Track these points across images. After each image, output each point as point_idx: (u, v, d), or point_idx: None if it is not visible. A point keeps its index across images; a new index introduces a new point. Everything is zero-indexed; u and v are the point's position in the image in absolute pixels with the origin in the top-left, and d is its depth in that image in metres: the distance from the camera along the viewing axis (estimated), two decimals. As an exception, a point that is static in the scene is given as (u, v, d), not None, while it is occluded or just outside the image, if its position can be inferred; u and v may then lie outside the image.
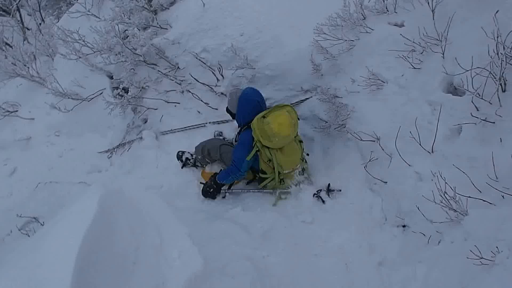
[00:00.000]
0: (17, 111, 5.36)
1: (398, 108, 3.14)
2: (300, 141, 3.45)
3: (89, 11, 5.31)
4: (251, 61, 3.89)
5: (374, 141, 3.19)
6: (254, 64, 3.89)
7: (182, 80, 4.31)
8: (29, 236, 3.79)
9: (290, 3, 4.05)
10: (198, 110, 4.23)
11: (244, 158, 3.20)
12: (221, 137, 3.99)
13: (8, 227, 4.17)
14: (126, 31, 4.58)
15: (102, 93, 4.92)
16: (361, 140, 3.23)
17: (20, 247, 2.60)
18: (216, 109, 4.16)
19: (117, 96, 4.63)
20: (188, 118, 4.30)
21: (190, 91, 4.26)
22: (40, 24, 6.54)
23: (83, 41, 4.95)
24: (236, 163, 3.25)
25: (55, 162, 4.85)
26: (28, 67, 5.56)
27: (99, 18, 5.10)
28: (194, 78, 4.19)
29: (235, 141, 3.60)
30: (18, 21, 6.81)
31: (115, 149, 4.60)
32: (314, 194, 3.34)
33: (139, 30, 4.50)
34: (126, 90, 4.63)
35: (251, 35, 3.97)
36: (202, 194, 3.48)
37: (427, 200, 2.52)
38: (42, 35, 5.79)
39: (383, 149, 3.09)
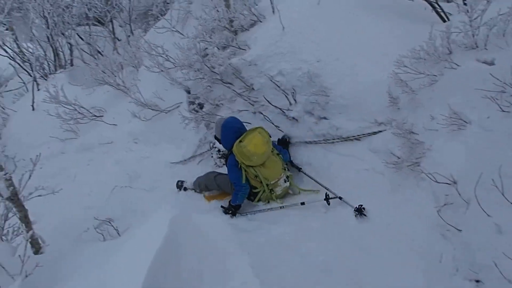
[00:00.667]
0: (102, 116, 5.91)
1: (480, 152, 2.99)
2: (278, 154, 3.97)
3: (174, 27, 5.73)
4: (325, 88, 3.93)
5: (450, 184, 3.06)
6: (329, 92, 3.93)
7: (255, 101, 4.46)
8: (103, 237, 4.15)
9: (370, 32, 4.04)
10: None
11: (238, 177, 3.81)
12: (215, 148, 4.65)
13: (86, 224, 4.58)
14: (207, 49, 4.85)
15: (179, 106, 5.26)
16: (436, 181, 3.11)
17: (94, 254, 2.87)
18: (286, 133, 4.25)
19: (193, 111, 4.93)
20: (258, 138, 4.43)
21: (262, 113, 4.40)
22: (129, 36, 7.15)
23: (166, 55, 5.35)
24: (236, 183, 3.85)
25: (131, 167, 5.26)
26: (116, 76, 6.11)
27: (182, 35, 5.47)
28: (267, 100, 4.32)
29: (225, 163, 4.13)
30: (110, 31, 7.50)
31: (186, 161, 4.88)
32: (355, 212, 3.49)
33: (219, 49, 4.75)
34: (201, 106, 4.91)
35: (328, 62, 4.03)
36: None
37: (507, 257, 2.38)
38: (130, 46, 6.34)
39: (459, 194, 2.95)
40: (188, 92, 5.36)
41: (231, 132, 3.85)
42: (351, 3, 4.27)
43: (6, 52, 7.06)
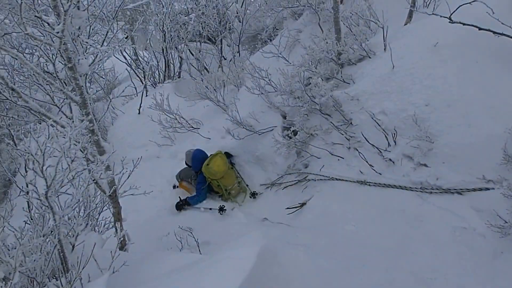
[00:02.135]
0: (199, 128, 6.40)
1: None
2: (232, 168, 5.63)
3: (280, 53, 6.03)
4: (431, 134, 3.86)
5: None
6: (434, 138, 3.85)
7: (351, 136, 4.52)
8: (181, 244, 4.45)
9: (491, 81, 3.89)
10: (360, 170, 4.36)
11: (203, 188, 5.40)
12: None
13: (167, 228, 4.95)
14: (310, 79, 5.05)
15: (272, 130, 5.50)
16: (550, 257, 2.85)
17: (175, 266, 3.03)
18: (380, 174, 4.21)
19: (286, 136, 5.12)
20: (348, 175, 4.45)
21: (357, 149, 4.43)
22: (234, 56, 7.70)
23: (269, 79, 5.65)
24: (199, 191, 5.41)
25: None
26: (217, 92, 6.59)
27: (288, 61, 5.76)
28: (365, 138, 4.35)
29: (195, 179, 5.58)
30: (218, 50, 8.15)
31: (271, 186, 5.06)
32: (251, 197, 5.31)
33: (322, 80, 4.91)
34: (295, 133, 5.08)
35: (438, 107, 3.95)
36: (176, 206, 5.43)
37: None
38: (235, 66, 6.82)
39: None
40: (284, 118, 5.59)
41: (198, 160, 5.41)
42: (474, 49, 4.15)
43: (125, 58, 8.02)
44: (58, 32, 2.81)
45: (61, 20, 2.80)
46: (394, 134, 4.17)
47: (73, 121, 3.16)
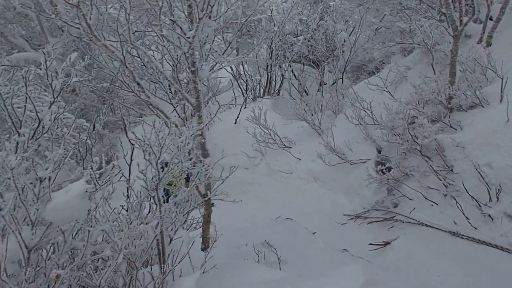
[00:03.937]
0: (290, 147, 6.71)
1: None
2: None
3: (386, 87, 6.16)
4: (540, 198, 3.73)
5: None
6: (544, 203, 3.72)
7: (450, 184, 4.49)
8: (258, 257, 4.71)
9: None
10: (454, 221, 4.30)
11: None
12: None
13: (246, 240, 5.27)
14: (415, 118, 5.11)
15: (365, 162, 5.62)
16: None
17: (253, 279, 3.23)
18: (475, 228, 4.13)
19: (379, 172, 5.21)
20: (440, 223, 4.42)
21: (454, 198, 4.38)
22: (335, 82, 7.94)
23: (371, 112, 5.80)
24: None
25: (301, 202, 5.83)
26: (314, 116, 6.88)
27: (393, 97, 5.87)
28: (465, 188, 4.31)
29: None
30: (321, 74, 8.46)
31: (355, 218, 5.17)
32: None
33: (428, 121, 4.94)
34: (389, 169, 5.15)
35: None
36: None
37: None
38: (336, 92, 7.06)
39: None
40: (379, 152, 5.68)
41: None
42: None
43: (231, 69, 8.67)
44: (189, 38, 3.06)
45: (193, 27, 3.05)
46: (498, 190, 4.08)
47: (185, 122, 3.44)
